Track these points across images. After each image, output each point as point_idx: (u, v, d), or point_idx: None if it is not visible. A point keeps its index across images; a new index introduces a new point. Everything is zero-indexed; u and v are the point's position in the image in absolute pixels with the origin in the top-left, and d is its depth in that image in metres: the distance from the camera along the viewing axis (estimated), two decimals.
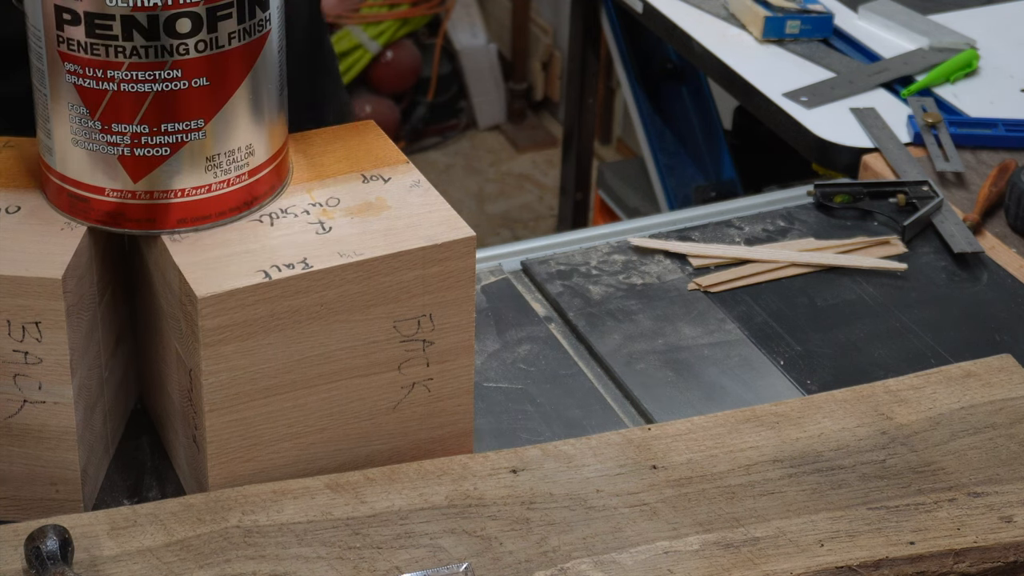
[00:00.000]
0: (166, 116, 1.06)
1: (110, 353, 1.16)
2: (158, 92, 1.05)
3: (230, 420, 1.08)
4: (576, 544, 1.07)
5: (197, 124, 1.07)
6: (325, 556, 1.04)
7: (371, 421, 1.14)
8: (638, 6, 2.20)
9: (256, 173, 1.11)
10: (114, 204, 1.09)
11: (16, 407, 1.08)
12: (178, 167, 1.08)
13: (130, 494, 1.15)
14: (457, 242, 1.11)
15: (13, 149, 1.18)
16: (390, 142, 1.22)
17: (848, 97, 1.85)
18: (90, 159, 1.08)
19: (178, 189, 1.08)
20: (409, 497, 1.10)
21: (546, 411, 1.26)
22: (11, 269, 1.04)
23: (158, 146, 1.07)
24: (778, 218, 1.56)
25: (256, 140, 1.10)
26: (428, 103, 4.08)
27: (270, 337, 1.07)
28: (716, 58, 1.99)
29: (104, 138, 1.06)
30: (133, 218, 1.09)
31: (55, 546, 1.00)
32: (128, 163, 1.07)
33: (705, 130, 2.59)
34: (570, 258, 1.47)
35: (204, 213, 1.10)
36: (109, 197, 1.08)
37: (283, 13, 1.11)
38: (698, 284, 1.43)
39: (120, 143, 1.06)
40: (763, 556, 1.06)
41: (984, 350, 1.33)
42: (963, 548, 1.07)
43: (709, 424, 1.18)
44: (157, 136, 1.06)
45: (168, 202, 1.09)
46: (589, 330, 1.37)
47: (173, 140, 1.07)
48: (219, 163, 1.09)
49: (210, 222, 1.10)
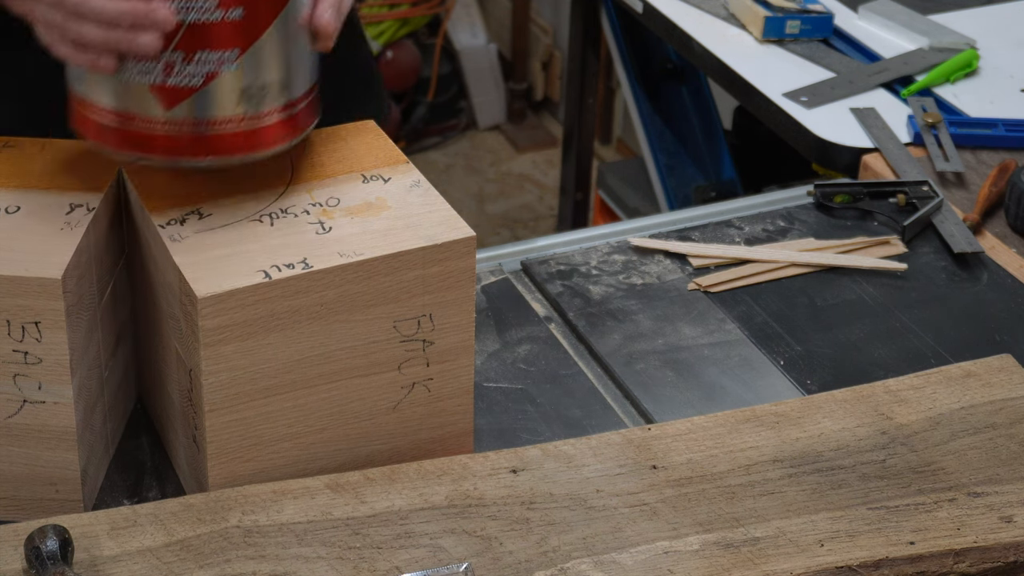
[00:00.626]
0: (199, 45, 1.06)
1: (110, 353, 1.16)
2: (192, 22, 1.06)
3: (230, 420, 1.08)
4: (576, 544, 1.07)
5: (231, 55, 1.07)
6: (325, 556, 1.04)
7: (371, 421, 1.14)
8: (638, 6, 2.20)
9: (288, 109, 1.12)
10: (142, 133, 1.09)
11: (16, 407, 1.08)
12: (210, 98, 1.08)
13: (130, 494, 1.15)
14: (457, 242, 1.11)
15: (13, 149, 1.18)
16: (390, 142, 1.22)
17: (848, 97, 1.85)
18: (121, 87, 1.08)
19: (208, 120, 1.09)
20: (409, 497, 1.10)
21: (546, 411, 1.26)
22: (11, 269, 1.04)
23: (190, 75, 1.07)
24: (778, 218, 1.56)
25: (289, 76, 1.11)
26: (428, 103, 4.07)
27: (270, 337, 1.07)
28: (716, 58, 1.99)
29: (137, 66, 1.07)
30: (161, 147, 1.10)
31: (55, 546, 1.00)
32: (160, 92, 1.08)
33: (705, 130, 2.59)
34: (570, 258, 1.47)
35: (233, 147, 1.10)
36: (138, 127, 1.09)
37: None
38: (698, 284, 1.43)
39: (152, 71, 1.07)
40: (763, 556, 1.06)
41: (984, 350, 1.33)
42: (963, 548, 1.07)
43: (709, 424, 1.18)
44: (189, 65, 1.07)
45: (200, 133, 1.09)
46: (589, 330, 1.37)
47: (206, 70, 1.07)
48: (251, 96, 1.09)
49: (239, 155, 1.11)
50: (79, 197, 1.12)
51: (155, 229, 1.10)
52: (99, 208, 1.12)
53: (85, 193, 1.13)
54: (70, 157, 1.17)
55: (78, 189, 1.13)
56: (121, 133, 1.10)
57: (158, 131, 1.09)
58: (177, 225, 1.10)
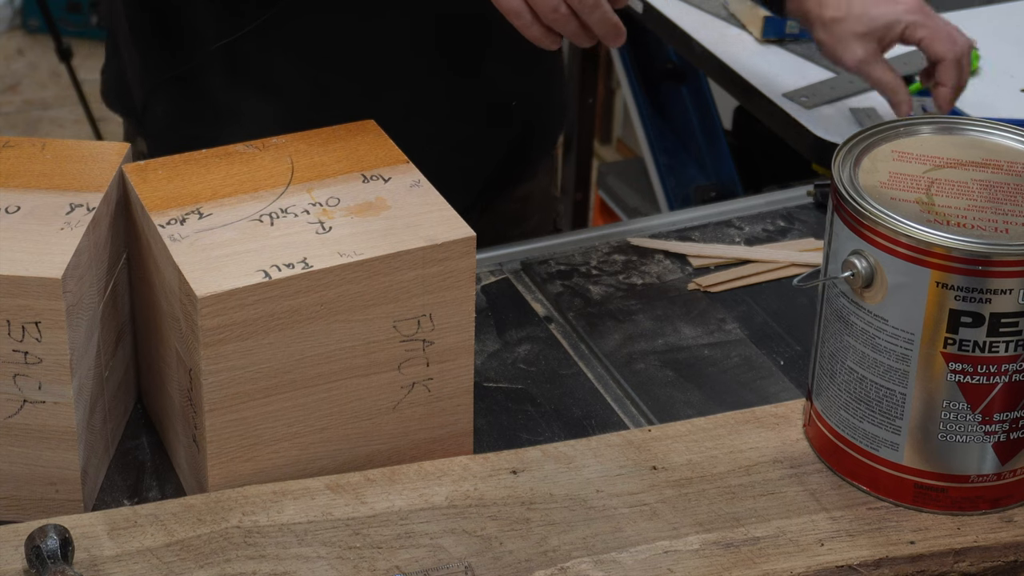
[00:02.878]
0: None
1: (110, 353, 1.16)
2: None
3: (230, 420, 1.08)
4: (576, 544, 1.07)
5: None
6: (325, 556, 1.04)
7: (371, 421, 1.14)
8: (638, 6, 2.20)
9: None
10: (975, 489, 1.10)
11: (16, 407, 1.08)
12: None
13: (130, 494, 1.15)
14: (457, 242, 1.11)
15: (13, 149, 1.18)
16: (390, 142, 1.22)
17: (848, 97, 1.85)
18: (958, 450, 1.09)
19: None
20: (409, 497, 1.10)
21: (546, 411, 1.26)
22: (11, 269, 1.04)
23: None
24: (778, 218, 1.56)
25: None
26: None
27: (270, 337, 1.07)
28: (716, 58, 1.99)
29: (982, 429, 1.08)
30: (990, 498, 1.10)
31: (55, 545, 1.00)
32: (999, 448, 1.09)
33: (705, 130, 2.59)
34: (570, 258, 1.47)
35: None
36: (972, 483, 1.10)
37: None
38: (698, 284, 1.43)
39: (997, 431, 1.08)
40: (763, 556, 1.06)
41: None
42: (963, 548, 1.07)
43: (709, 425, 1.18)
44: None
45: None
46: (589, 330, 1.37)
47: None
48: None
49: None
50: (79, 197, 1.12)
51: (155, 229, 1.10)
52: (99, 208, 1.12)
53: (85, 193, 1.13)
54: (70, 157, 1.17)
55: (78, 189, 1.13)
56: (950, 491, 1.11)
57: (991, 483, 1.11)
58: (177, 225, 1.11)
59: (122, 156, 1.18)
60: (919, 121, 1.16)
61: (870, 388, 1.09)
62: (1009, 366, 1.05)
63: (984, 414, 1.07)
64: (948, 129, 1.16)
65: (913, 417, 1.08)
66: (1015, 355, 1.05)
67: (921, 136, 1.15)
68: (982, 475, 1.09)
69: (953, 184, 1.09)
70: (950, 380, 1.06)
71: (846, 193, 1.07)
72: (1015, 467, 1.10)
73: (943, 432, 1.08)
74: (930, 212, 1.06)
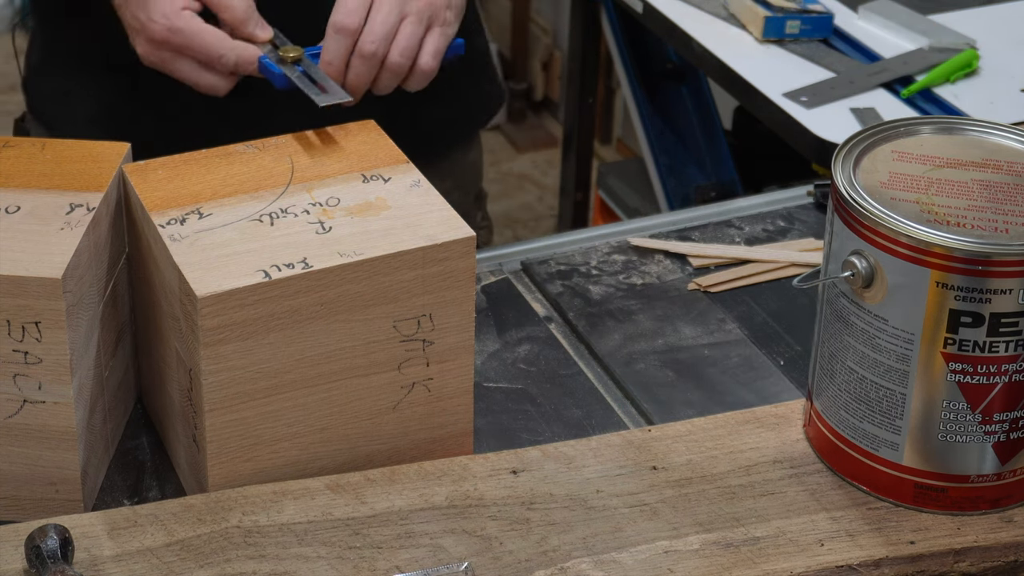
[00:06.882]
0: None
1: (110, 353, 1.16)
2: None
3: (230, 420, 1.08)
4: (576, 544, 1.07)
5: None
6: (325, 556, 1.05)
7: (371, 421, 1.14)
8: (638, 6, 2.20)
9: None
10: (975, 489, 1.10)
11: (16, 407, 1.08)
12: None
13: (130, 494, 1.15)
14: (457, 242, 1.11)
15: (13, 149, 1.18)
16: (390, 142, 1.22)
17: (848, 97, 1.86)
18: (958, 450, 1.09)
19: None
20: (409, 497, 1.10)
21: (546, 411, 1.26)
22: (11, 269, 1.04)
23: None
24: (778, 218, 1.56)
25: None
26: None
27: (270, 337, 1.07)
28: (716, 58, 1.99)
29: (982, 429, 1.08)
30: (990, 498, 1.10)
31: (55, 544, 1.00)
32: (999, 448, 1.09)
33: (705, 130, 2.60)
34: (570, 258, 1.47)
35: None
36: (972, 483, 1.09)
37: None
38: (698, 284, 1.43)
39: (997, 431, 1.08)
40: (763, 555, 1.06)
41: None
42: (963, 548, 1.07)
43: (709, 426, 1.18)
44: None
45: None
46: (589, 330, 1.37)
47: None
48: None
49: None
50: (79, 197, 1.12)
51: (155, 229, 1.10)
52: (99, 208, 1.12)
53: (85, 193, 1.13)
54: (70, 157, 1.17)
55: (78, 189, 1.13)
56: (949, 492, 1.11)
57: (990, 484, 1.10)
58: (177, 225, 1.11)
59: (122, 156, 1.18)
60: (919, 121, 1.16)
61: (870, 388, 1.09)
62: (1009, 366, 1.05)
63: (984, 414, 1.07)
64: (948, 129, 1.16)
65: (913, 417, 1.08)
66: (1015, 355, 1.05)
67: (921, 136, 1.15)
68: (982, 475, 1.09)
69: (953, 184, 1.09)
70: (950, 380, 1.06)
71: (846, 193, 1.07)
72: (1015, 467, 1.10)
73: (943, 432, 1.08)
74: (930, 212, 1.06)
